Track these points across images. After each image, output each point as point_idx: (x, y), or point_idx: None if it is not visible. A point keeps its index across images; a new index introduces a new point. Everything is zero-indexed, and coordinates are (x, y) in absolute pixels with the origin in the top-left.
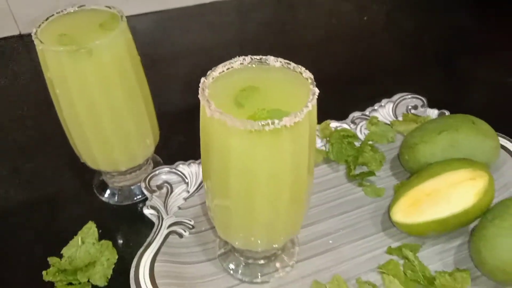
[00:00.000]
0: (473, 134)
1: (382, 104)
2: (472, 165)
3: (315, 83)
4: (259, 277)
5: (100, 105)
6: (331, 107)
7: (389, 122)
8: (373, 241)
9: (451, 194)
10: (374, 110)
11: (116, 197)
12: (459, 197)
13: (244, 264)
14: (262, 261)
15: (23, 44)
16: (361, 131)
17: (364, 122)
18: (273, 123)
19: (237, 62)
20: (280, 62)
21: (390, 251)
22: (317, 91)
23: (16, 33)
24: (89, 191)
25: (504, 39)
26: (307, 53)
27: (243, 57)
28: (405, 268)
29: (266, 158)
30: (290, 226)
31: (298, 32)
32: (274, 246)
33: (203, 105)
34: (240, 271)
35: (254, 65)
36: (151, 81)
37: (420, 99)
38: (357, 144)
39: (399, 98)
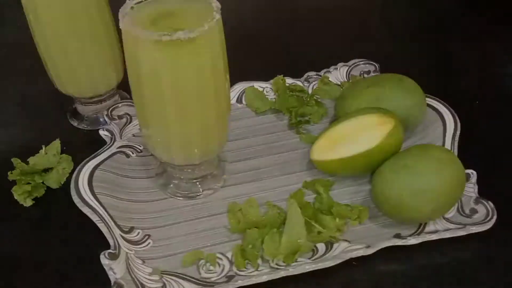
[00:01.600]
0: (397, 89)
1: (337, 67)
2: (381, 112)
3: (220, 11)
4: (187, 194)
5: (64, 31)
6: (299, 71)
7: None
8: (294, 178)
9: (359, 135)
10: (329, 72)
11: (84, 123)
12: (366, 138)
13: (175, 182)
14: (191, 182)
15: None
16: (313, 88)
17: (317, 81)
18: (170, 34)
19: None
20: None
21: (305, 185)
22: (218, 16)
23: None
24: (62, 117)
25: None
26: (299, 24)
27: None
28: (316, 201)
29: (169, 70)
30: (203, 145)
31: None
32: (192, 163)
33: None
34: (170, 188)
35: None
36: None
37: (373, 65)
38: None
39: (354, 63)
